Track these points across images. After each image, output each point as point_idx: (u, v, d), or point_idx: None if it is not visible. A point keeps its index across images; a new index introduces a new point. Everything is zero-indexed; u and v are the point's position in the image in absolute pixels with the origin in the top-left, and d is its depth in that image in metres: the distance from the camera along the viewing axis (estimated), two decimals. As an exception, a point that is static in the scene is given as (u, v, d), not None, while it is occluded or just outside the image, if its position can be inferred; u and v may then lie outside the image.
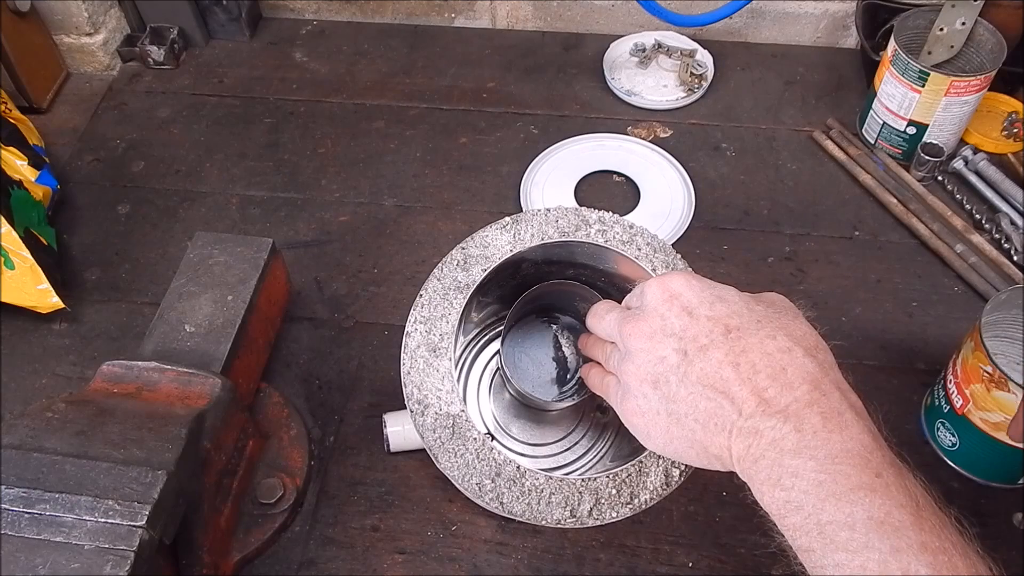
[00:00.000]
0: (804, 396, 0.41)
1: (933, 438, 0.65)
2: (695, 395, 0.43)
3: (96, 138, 0.91)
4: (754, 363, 0.42)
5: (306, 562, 0.61)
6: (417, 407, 0.53)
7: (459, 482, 0.51)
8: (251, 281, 0.65)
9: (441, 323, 0.55)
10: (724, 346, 0.43)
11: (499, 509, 0.51)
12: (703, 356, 0.43)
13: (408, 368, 0.54)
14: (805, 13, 0.97)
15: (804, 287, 0.75)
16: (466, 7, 1.01)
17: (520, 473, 0.51)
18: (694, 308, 0.45)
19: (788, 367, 0.42)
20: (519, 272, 0.61)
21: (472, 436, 0.52)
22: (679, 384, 0.44)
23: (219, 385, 0.57)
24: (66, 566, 0.46)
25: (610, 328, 0.49)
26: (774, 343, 0.43)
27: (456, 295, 0.56)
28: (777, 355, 0.42)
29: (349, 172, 0.86)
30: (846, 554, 0.37)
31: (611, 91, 0.93)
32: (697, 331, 0.44)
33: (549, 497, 0.51)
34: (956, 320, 0.72)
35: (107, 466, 0.50)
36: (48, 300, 0.71)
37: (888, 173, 0.83)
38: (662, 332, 0.45)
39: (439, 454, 0.52)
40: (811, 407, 0.41)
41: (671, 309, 0.45)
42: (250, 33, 1.01)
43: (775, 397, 0.41)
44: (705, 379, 0.43)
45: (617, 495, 0.51)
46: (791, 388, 0.41)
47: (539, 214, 0.58)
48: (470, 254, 0.58)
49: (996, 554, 0.38)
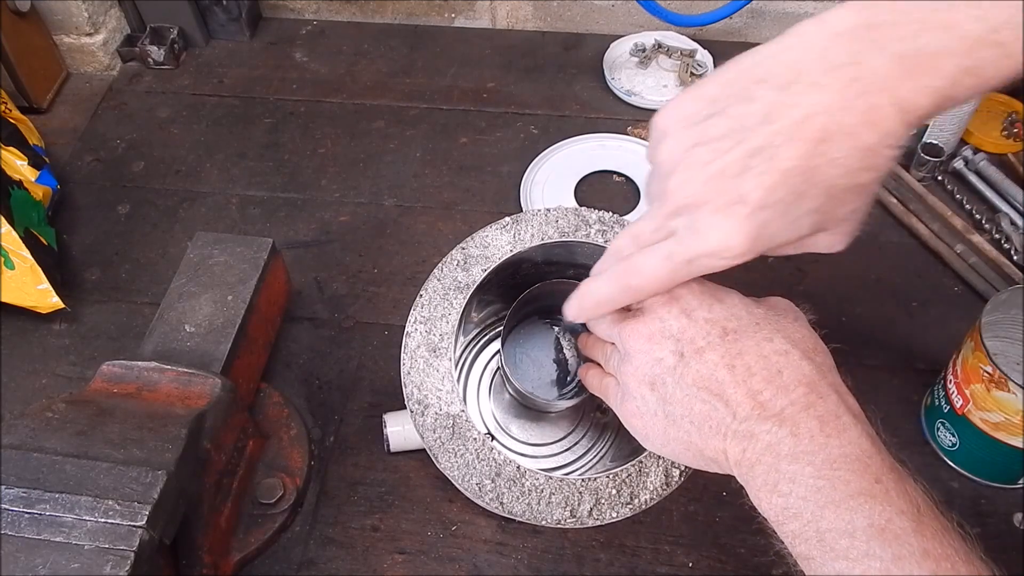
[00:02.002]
0: (800, 399, 0.40)
1: (933, 438, 0.65)
2: (690, 397, 0.43)
3: (96, 138, 0.91)
4: (749, 365, 0.42)
5: (306, 562, 0.61)
6: (417, 407, 0.53)
7: (459, 482, 0.51)
8: (251, 281, 0.65)
9: (441, 323, 0.55)
10: (720, 348, 0.43)
11: (499, 509, 0.51)
12: (699, 358, 0.43)
13: (408, 368, 0.54)
14: (805, 13, 0.97)
15: (804, 287, 0.75)
16: (466, 7, 1.01)
17: (520, 473, 0.51)
18: (693, 310, 0.44)
19: (784, 370, 0.41)
20: (519, 272, 0.61)
21: (472, 436, 0.52)
22: (675, 386, 0.43)
23: (219, 385, 0.57)
24: (66, 566, 0.46)
25: (609, 329, 0.49)
26: (771, 345, 0.42)
27: (456, 295, 0.56)
28: (773, 357, 0.42)
29: (349, 172, 0.86)
30: (847, 562, 0.37)
31: (611, 91, 0.93)
32: (694, 333, 0.44)
33: (549, 497, 0.51)
34: (956, 320, 0.72)
35: (107, 466, 0.50)
36: (48, 300, 0.71)
37: (888, 173, 0.83)
38: (660, 334, 0.45)
39: (439, 454, 0.52)
40: (807, 411, 0.40)
41: (670, 311, 0.45)
42: (250, 33, 1.01)
43: (770, 400, 0.41)
44: (700, 381, 0.42)
45: (617, 495, 0.51)
46: (787, 391, 0.41)
47: (539, 214, 0.58)
48: (470, 254, 0.58)
49: (996, 554, 0.38)
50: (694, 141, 0.40)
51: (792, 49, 0.39)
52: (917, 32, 0.35)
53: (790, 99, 0.38)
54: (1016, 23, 0.34)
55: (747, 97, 0.39)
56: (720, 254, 0.40)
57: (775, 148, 0.37)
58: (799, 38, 0.38)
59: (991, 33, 0.34)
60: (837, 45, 0.37)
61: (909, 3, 0.36)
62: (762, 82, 0.39)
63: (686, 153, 0.40)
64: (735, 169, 0.38)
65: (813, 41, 0.38)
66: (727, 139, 0.39)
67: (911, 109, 0.37)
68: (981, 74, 0.35)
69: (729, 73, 0.41)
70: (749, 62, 0.40)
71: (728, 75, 0.41)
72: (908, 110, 0.37)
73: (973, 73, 0.35)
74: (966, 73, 0.35)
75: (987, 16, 0.34)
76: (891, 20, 0.36)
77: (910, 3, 0.36)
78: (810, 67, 0.37)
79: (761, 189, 0.38)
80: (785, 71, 0.38)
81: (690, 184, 0.40)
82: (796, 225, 0.40)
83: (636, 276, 0.44)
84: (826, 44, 0.37)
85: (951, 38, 0.35)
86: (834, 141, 0.37)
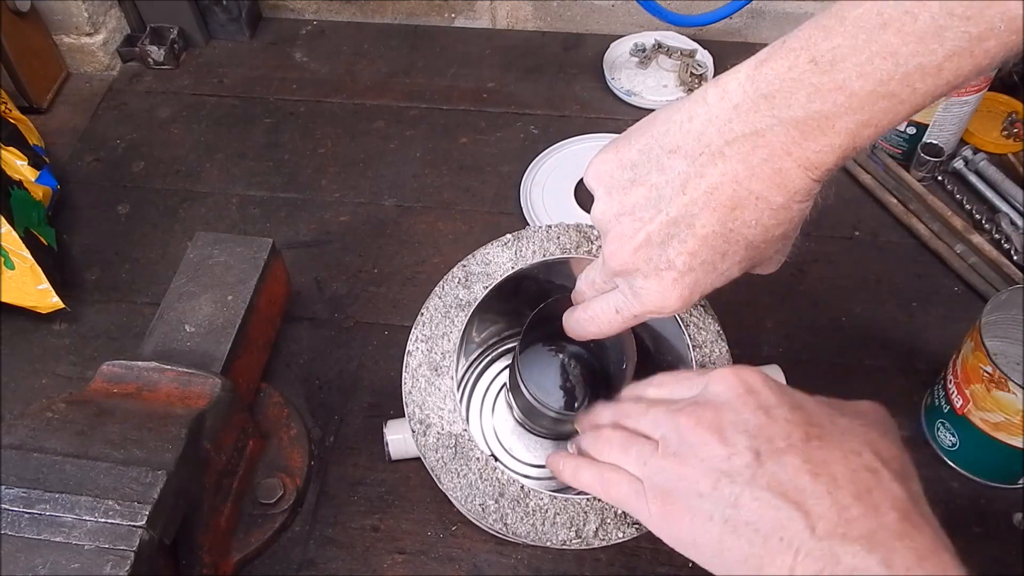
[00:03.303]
0: (893, 525, 0.36)
1: (933, 438, 0.65)
2: (761, 503, 0.38)
3: (96, 138, 0.91)
4: (836, 476, 0.37)
5: (306, 562, 0.61)
6: (419, 427, 0.53)
7: (461, 503, 0.51)
8: (251, 281, 0.65)
9: (443, 341, 0.55)
10: (803, 453, 0.38)
11: (503, 531, 0.50)
12: (777, 460, 0.38)
13: (410, 388, 0.54)
14: (805, 13, 0.97)
15: (804, 287, 0.75)
16: (466, 7, 1.01)
17: (524, 493, 0.51)
18: (772, 407, 0.41)
19: (874, 489, 0.37)
20: (520, 290, 0.61)
21: (475, 456, 0.52)
22: (745, 487, 0.38)
23: (219, 385, 0.57)
24: (66, 566, 0.46)
25: (658, 420, 0.44)
26: (859, 460, 0.38)
27: (457, 312, 0.56)
28: (862, 473, 0.38)
29: (349, 172, 0.86)
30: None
31: (611, 91, 0.93)
32: (774, 432, 0.39)
33: (554, 518, 0.50)
34: (956, 320, 0.72)
35: (107, 466, 0.50)
36: (48, 300, 0.71)
37: (888, 173, 0.83)
38: (733, 427, 0.40)
39: (441, 475, 0.51)
40: (901, 539, 0.35)
41: (746, 404, 0.41)
42: (250, 33, 1.01)
43: (858, 519, 0.36)
44: (777, 486, 0.38)
45: (624, 515, 0.50)
46: (877, 512, 0.36)
47: (540, 231, 0.58)
48: (471, 271, 0.57)
49: (996, 554, 0.38)
50: (618, 210, 0.43)
51: (697, 118, 0.40)
52: (810, 97, 0.37)
53: (700, 170, 0.40)
54: (901, 75, 0.35)
55: (661, 167, 0.42)
56: (661, 311, 0.44)
57: (692, 217, 0.40)
58: (704, 107, 0.40)
59: (879, 86, 0.36)
60: (737, 116, 0.39)
61: (798, 69, 0.37)
62: (673, 152, 0.41)
63: (614, 220, 0.43)
64: (659, 238, 0.42)
65: (715, 112, 0.40)
66: (648, 208, 0.42)
67: (816, 166, 0.39)
68: (878, 124, 0.37)
69: (644, 139, 0.43)
70: (661, 129, 0.42)
71: (643, 141, 0.43)
72: (813, 167, 0.38)
73: (870, 124, 0.37)
74: (863, 126, 0.37)
75: (872, 72, 0.35)
76: (784, 88, 0.37)
77: (799, 69, 0.37)
78: (714, 138, 0.39)
79: (685, 254, 0.41)
80: (693, 142, 0.40)
81: (620, 254, 0.43)
82: (725, 275, 0.43)
83: (593, 324, 0.49)
84: (728, 115, 0.39)
85: (843, 98, 0.36)
86: (746, 206, 0.40)
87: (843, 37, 0.36)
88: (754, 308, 0.73)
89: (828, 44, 0.36)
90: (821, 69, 0.36)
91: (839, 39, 0.36)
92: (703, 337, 0.55)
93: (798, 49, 0.37)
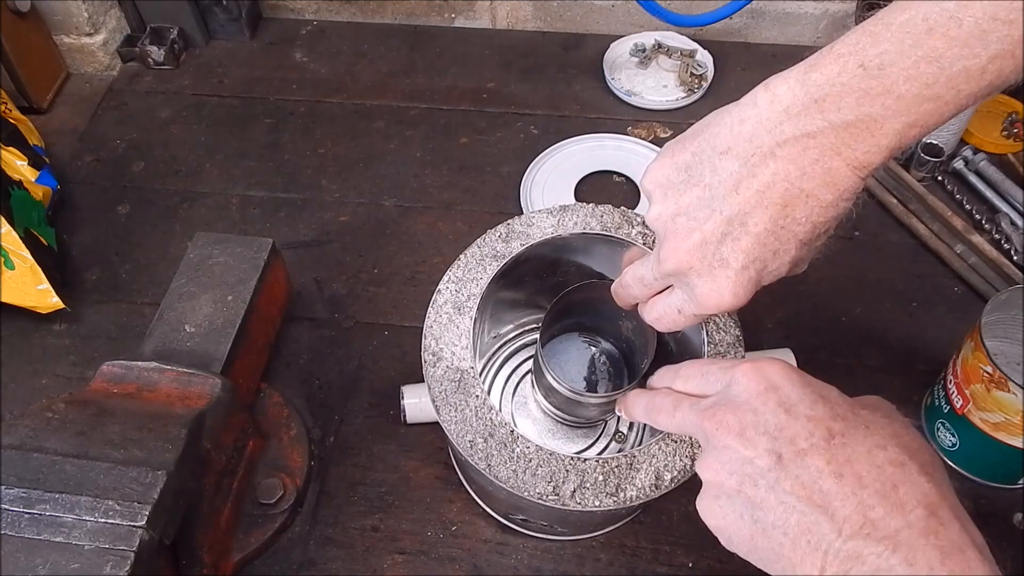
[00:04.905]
0: (919, 522, 0.36)
1: (933, 438, 0.65)
2: (786, 507, 0.38)
3: (96, 138, 0.91)
4: (860, 475, 0.37)
5: (306, 562, 0.61)
6: (431, 358, 0.54)
7: (453, 436, 0.52)
8: (251, 281, 0.65)
9: (471, 285, 0.57)
10: (826, 453, 0.38)
11: (486, 471, 0.51)
12: (800, 462, 0.38)
13: (431, 322, 0.55)
14: (805, 13, 0.97)
15: (804, 287, 0.75)
16: (466, 7, 1.01)
17: (512, 438, 0.51)
18: (793, 405, 0.40)
19: (900, 485, 0.37)
20: (559, 268, 0.63)
21: (475, 393, 0.53)
22: (768, 491, 0.39)
23: (219, 385, 0.57)
24: (66, 566, 0.46)
25: (685, 421, 0.45)
26: (884, 454, 0.38)
27: (491, 262, 0.58)
28: (888, 468, 0.37)
29: (349, 172, 0.86)
30: None
31: (611, 91, 0.93)
32: (795, 432, 0.39)
33: (536, 468, 0.50)
34: (956, 320, 0.72)
35: (107, 466, 0.50)
36: (48, 300, 0.71)
37: (888, 173, 0.83)
38: (754, 429, 0.40)
39: (441, 406, 0.53)
40: (926, 537, 0.35)
41: (766, 403, 0.41)
42: (250, 33, 1.01)
43: (883, 518, 0.36)
44: (800, 489, 0.38)
45: (603, 482, 0.50)
46: (903, 510, 0.36)
47: (586, 207, 0.60)
48: (514, 229, 0.59)
49: (996, 554, 0.38)
50: (674, 211, 0.44)
51: (747, 121, 0.41)
52: (859, 101, 0.38)
53: (752, 170, 0.41)
54: (946, 78, 0.37)
55: (714, 168, 0.42)
56: (718, 309, 0.45)
57: (745, 215, 0.42)
58: (754, 110, 0.41)
59: (925, 89, 0.37)
60: (787, 119, 0.40)
61: (847, 74, 0.38)
62: (725, 154, 0.42)
63: (670, 221, 0.44)
64: (714, 237, 0.43)
65: (766, 115, 0.41)
66: (703, 208, 0.43)
67: (864, 166, 0.40)
68: (924, 124, 0.38)
69: (697, 142, 0.44)
70: (712, 132, 0.43)
71: (696, 144, 0.44)
72: (861, 167, 0.40)
73: (916, 125, 0.38)
74: (909, 127, 0.38)
75: (918, 76, 0.37)
76: (833, 93, 0.39)
77: (848, 73, 0.38)
78: (765, 140, 0.41)
79: (739, 252, 0.42)
80: (745, 144, 0.41)
81: (676, 253, 0.44)
82: (775, 273, 0.44)
83: (660, 324, 0.50)
84: (779, 118, 0.40)
85: (890, 101, 0.38)
86: (798, 204, 0.41)
87: (890, 43, 0.37)
88: (754, 308, 0.73)
89: (876, 49, 0.37)
90: (869, 74, 0.38)
91: (886, 44, 0.37)
92: (720, 337, 0.56)
93: (847, 55, 0.38)
